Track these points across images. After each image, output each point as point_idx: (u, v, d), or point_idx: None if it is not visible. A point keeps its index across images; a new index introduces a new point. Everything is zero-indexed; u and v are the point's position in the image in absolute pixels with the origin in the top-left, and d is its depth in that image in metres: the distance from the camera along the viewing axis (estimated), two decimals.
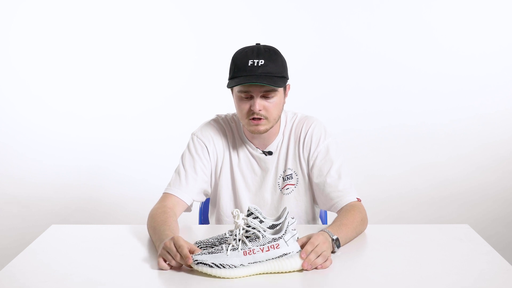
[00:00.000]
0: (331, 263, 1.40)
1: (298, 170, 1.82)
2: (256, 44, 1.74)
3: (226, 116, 1.89)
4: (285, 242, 1.36)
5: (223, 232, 1.50)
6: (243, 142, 1.84)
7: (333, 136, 1.83)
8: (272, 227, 1.42)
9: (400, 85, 3.15)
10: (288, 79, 1.74)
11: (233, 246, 1.35)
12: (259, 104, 1.68)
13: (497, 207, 3.17)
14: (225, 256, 1.34)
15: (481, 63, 3.11)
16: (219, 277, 1.33)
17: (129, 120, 3.18)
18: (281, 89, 1.72)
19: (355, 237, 1.63)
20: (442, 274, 1.34)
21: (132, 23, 3.14)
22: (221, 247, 1.36)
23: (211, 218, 1.97)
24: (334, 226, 1.56)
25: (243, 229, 1.37)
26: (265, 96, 1.68)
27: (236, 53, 1.74)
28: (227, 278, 1.33)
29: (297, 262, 1.36)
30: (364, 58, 3.14)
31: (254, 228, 1.36)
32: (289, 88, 1.78)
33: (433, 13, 3.11)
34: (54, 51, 3.13)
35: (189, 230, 1.74)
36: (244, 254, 1.34)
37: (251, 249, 1.34)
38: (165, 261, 1.39)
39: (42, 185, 3.18)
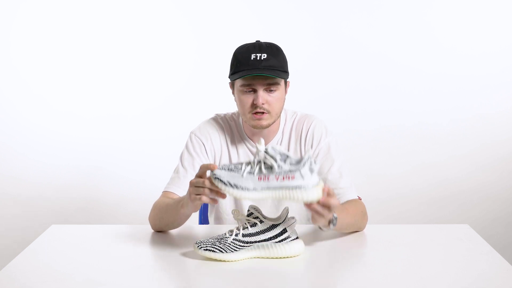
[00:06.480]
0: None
1: None
2: (257, 41, 1.75)
3: (225, 115, 1.90)
4: (301, 175, 1.35)
5: (223, 232, 1.51)
6: (242, 140, 1.84)
7: (334, 135, 1.84)
8: (272, 227, 1.43)
9: (400, 85, 3.15)
10: (289, 74, 1.76)
11: (250, 168, 1.36)
12: (262, 97, 1.69)
13: (497, 207, 3.16)
14: (241, 177, 1.35)
15: (481, 63, 3.11)
16: (232, 195, 1.35)
17: (129, 120, 3.18)
18: (282, 84, 1.74)
19: (353, 227, 1.64)
20: (442, 274, 1.34)
21: (132, 23, 3.14)
22: (240, 166, 1.38)
23: (210, 216, 1.97)
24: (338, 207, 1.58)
25: (263, 158, 1.38)
26: (267, 90, 1.70)
27: (237, 48, 1.75)
28: (239, 197, 1.35)
29: (308, 195, 1.35)
30: (364, 58, 3.14)
31: (272, 157, 1.36)
32: (288, 85, 1.80)
33: (433, 13, 3.11)
34: (54, 51, 3.12)
35: (189, 230, 1.74)
36: (258, 180, 1.35)
37: (266, 176, 1.35)
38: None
39: (42, 185, 3.17)
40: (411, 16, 3.11)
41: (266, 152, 1.36)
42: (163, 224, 1.68)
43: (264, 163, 1.36)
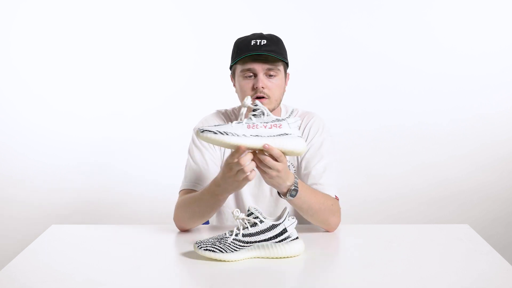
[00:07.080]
0: (278, 173, 1.44)
1: (295, 162, 1.83)
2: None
3: (226, 110, 1.92)
4: (288, 124, 1.42)
5: (223, 232, 1.51)
6: None
7: (331, 134, 1.84)
8: (272, 227, 1.43)
9: (400, 85, 3.15)
10: (288, 64, 1.77)
11: (238, 121, 1.42)
12: (262, 81, 1.70)
13: (497, 207, 3.16)
14: (230, 126, 1.39)
15: (481, 63, 3.11)
16: (223, 142, 1.37)
17: (130, 119, 3.18)
18: (282, 71, 1.75)
19: (317, 215, 1.64)
20: (442, 274, 1.34)
21: (132, 23, 3.14)
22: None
23: None
24: (304, 184, 1.61)
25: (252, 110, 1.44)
26: (267, 75, 1.71)
27: (237, 39, 1.78)
28: (230, 144, 1.37)
29: (298, 143, 1.42)
30: (364, 58, 3.14)
31: (260, 108, 1.42)
32: (288, 77, 1.80)
33: (433, 13, 3.11)
34: (54, 51, 3.13)
35: (189, 230, 1.74)
36: (247, 127, 1.40)
37: (255, 124, 1.40)
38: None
39: (42, 185, 3.17)
40: (411, 16, 3.11)
41: (255, 104, 1.43)
42: (196, 217, 1.68)
43: (253, 114, 1.41)
